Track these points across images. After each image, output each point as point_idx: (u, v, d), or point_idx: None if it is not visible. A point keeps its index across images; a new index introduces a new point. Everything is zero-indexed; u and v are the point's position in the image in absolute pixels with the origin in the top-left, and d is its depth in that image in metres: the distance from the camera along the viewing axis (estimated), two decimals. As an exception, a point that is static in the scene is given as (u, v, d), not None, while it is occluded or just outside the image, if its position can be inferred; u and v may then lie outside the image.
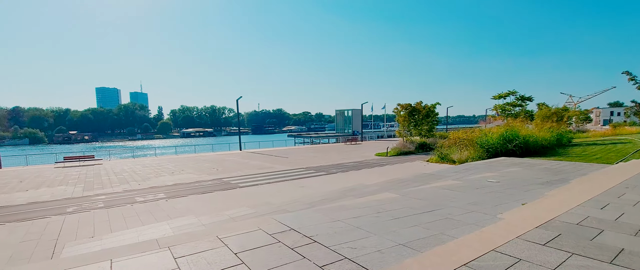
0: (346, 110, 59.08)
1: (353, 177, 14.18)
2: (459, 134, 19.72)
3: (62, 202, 10.86)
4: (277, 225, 4.68)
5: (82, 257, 3.91)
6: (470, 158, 16.21)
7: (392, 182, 11.17)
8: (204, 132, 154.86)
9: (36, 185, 14.36)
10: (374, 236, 4.14)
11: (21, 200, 11.39)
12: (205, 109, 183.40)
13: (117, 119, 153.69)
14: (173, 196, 11.19)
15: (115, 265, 3.36)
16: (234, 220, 7.29)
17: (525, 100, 31.10)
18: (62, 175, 17.76)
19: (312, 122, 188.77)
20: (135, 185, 13.81)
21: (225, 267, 3.28)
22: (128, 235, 6.90)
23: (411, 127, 28.11)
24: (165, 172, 17.48)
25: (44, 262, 4.20)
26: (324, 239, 4.01)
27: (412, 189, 8.17)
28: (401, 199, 6.62)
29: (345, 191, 9.78)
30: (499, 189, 7.84)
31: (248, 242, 3.98)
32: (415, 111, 27.82)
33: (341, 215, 5.22)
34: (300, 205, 8.01)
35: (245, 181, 13.94)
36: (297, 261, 3.37)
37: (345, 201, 7.30)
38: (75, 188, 13.48)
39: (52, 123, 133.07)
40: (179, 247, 3.84)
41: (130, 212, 9.20)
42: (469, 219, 5.00)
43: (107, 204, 10.41)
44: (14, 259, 5.96)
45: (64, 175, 17.72)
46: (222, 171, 17.32)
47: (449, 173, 12.07)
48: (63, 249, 6.31)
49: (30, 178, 16.83)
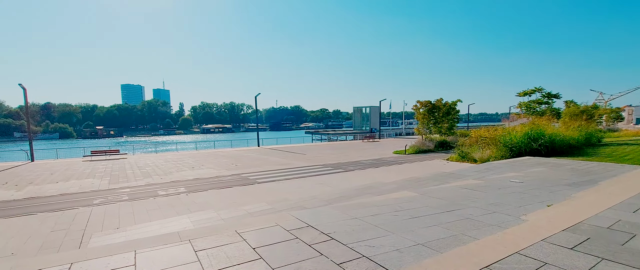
0: (364, 108, 58.62)
1: (371, 174, 14.07)
2: (481, 132, 19.19)
3: (89, 194, 11.33)
4: (294, 221, 4.71)
5: (108, 248, 4.06)
6: (492, 157, 15.75)
7: (410, 180, 11.01)
8: (223, 128, 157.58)
9: (66, 178, 15.04)
10: (392, 235, 4.09)
11: (52, 191, 11.96)
12: (225, 105, 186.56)
13: (140, 115, 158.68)
14: (193, 190, 11.45)
15: (139, 256, 3.47)
16: (252, 215, 7.38)
17: (552, 97, 29.88)
18: (89, 168, 18.53)
19: (329, 119, 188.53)
20: (157, 179, 14.23)
21: (244, 261, 3.32)
22: (151, 227, 7.12)
23: (431, 124, 27.58)
24: (186, 167, 17.92)
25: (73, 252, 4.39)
26: (341, 237, 4.00)
27: (431, 188, 8.02)
28: (420, 198, 6.51)
29: (363, 189, 9.72)
30: (523, 189, 7.58)
31: (266, 238, 4.02)
32: (435, 108, 27.27)
33: (359, 213, 5.19)
34: (318, 202, 8.03)
35: (263, 177, 14.09)
36: (314, 258, 3.38)
37: (362, 199, 7.26)
38: (101, 181, 14.03)
39: (80, 118, 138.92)
40: (200, 241, 3.92)
41: (152, 205, 9.49)
42: (491, 220, 4.86)
43: (131, 196, 10.78)
44: (44, 247, 6.28)
45: (91, 168, 18.48)
46: (240, 167, 17.58)
47: (470, 172, 11.77)
48: (90, 239, 6.59)
49: (61, 171, 17.65)
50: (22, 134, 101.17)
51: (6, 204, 10.19)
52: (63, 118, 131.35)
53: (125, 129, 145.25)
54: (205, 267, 3.19)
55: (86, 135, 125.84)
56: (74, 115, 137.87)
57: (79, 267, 3.23)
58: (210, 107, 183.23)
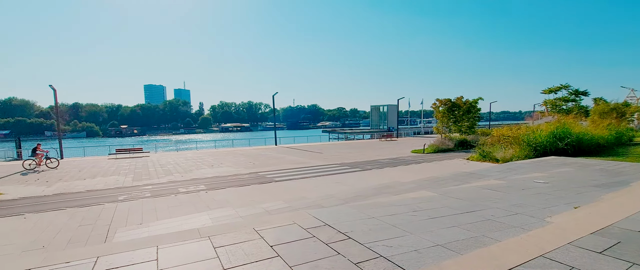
0: (381, 106, 58.04)
1: (388, 174, 13.93)
2: (503, 131, 18.63)
3: (114, 191, 11.75)
4: (312, 220, 4.72)
5: (132, 243, 4.19)
6: (515, 157, 15.27)
7: (429, 180, 10.83)
8: (241, 127, 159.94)
9: (92, 175, 15.67)
10: (410, 235, 4.04)
11: (80, 188, 12.49)
12: (243, 104, 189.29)
13: (162, 114, 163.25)
14: (212, 188, 11.68)
15: (161, 252, 3.57)
16: (269, 213, 7.46)
17: (580, 94, 28.65)
18: (114, 166, 19.22)
19: (346, 118, 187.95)
20: (178, 176, 14.60)
21: (262, 258, 3.36)
22: (172, 223, 7.31)
23: (450, 123, 27.00)
24: (205, 165, 18.30)
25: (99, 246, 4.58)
26: (358, 236, 3.97)
27: (451, 188, 7.85)
28: (439, 198, 6.39)
29: (380, 188, 9.63)
30: (548, 190, 7.30)
31: (283, 236, 4.04)
32: (455, 106, 26.67)
33: (376, 213, 5.14)
34: (335, 201, 8.02)
35: (280, 175, 14.21)
36: (331, 257, 3.37)
37: (380, 198, 7.19)
38: (126, 178, 14.53)
39: (106, 118, 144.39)
40: (219, 237, 3.99)
41: (173, 201, 9.74)
42: (514, 222, 4.71)
43: (154, 193, 11.11)
44: (73, 241, 6.56)
45: (116, 166, 19.17)
46: (258, 165, 17.79)
47: (492, 172, 11.46)
48: (115, 234, 6.84)
49: (88, 168, 18.40)
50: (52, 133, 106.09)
51: (38, 199, 10.71)
52: (90, 117, 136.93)
53: (147, 127, 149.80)
54: (224, 264, 3.25)
55: (111, 134, 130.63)
56: (100, 114, 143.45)
57: (104, 261, 3.35)
58: (229, 106, 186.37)
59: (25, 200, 10.52)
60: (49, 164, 18.85)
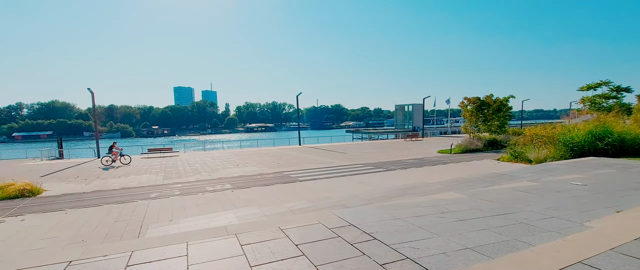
0: (406, 105, 57.00)
1: (413, 174, 13.66)
2: (537, 130, 17.75)
3: (146, 189, 12.28)
4: (336, 219, 4.71)
5: (163, 238, 4.36)
6: (549, 157, 14.52)
7: (456, 181, 10.51)
8: (266, 127, 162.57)
9: (126, 173, 16.46)
10: (437, 237, 3.93)
11: (115, 186, 13.15)
12: (267, 105, 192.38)
13: (190, 115, 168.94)
14: (238, 187, 11.94)
15: (191, 248, 3.69)
16: (293, 212, 7.52)
17: (622, 91, 26.80)
18: (147, 165, 20.10)
19: (370, 118, 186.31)
20: (205, 175, 15.04)
21: (287, 257, 3.39)
22: (200, 220, 7.55)
23: (479, 122, 26.08)
24: (231, 165, 18.73)
25: (133, 241, 4.79)
26: (384, 237, 3.92)
27: (480, 190, 7.58)
28: (467, 200, 6.18)
29: (406, 189, 9.47)
30: (586, 193, 6.89)
31: (308, 235, 4.06)
32: (484, 105, 25.73)
33: (402, 214, 5.05)
34: (359, 201, 7.97)
35: (304, 175, 14.29)
36: (356, 257, 3.35)
37: (405, 199, 7.07)
38: (157, 176, 15.15)
39: (138, 119, 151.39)
40: (245, 235, 4.08)
41: (201, 200, 10.04)
42: (549, 226, 4.47)
43: (183, 191, 11.50)
44: (109, 236, 6.92)
45: (148, 165, 20.04)
46: (282, 165, 17.99)
47: (524, 173, 10.97)
48: (147, 230, 7.15)
49: (122, 167, 19.34)
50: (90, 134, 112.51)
51: (78, 196, 11.39)
52: (124, 119, 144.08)
53: (177, 128, 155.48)
54: (251, 261, 3.31)
55: (143, 134, 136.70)
56: (133, 116, 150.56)
57: (138, 255, 3.51)
58: (254, 107, 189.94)
59: (66, 197, 11.21)
60: (123, 160, 20.79)
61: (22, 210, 9.31)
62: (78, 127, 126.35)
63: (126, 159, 20.91)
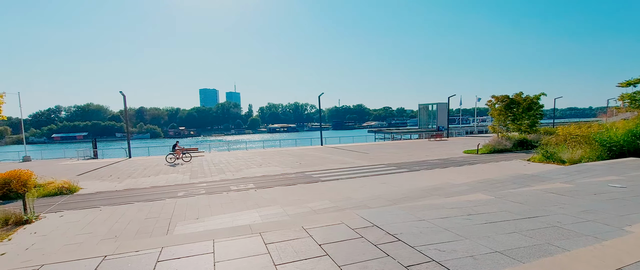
0: (430, 104, 55.74)
1: (438, 175, 13.35)
2: (571, 129, 16.87)
3: (174, 188, 12.71)
4: (359, 220, 4.68)
5: (191, 236, 4.50)
6: (585, 158, 13.76)
7: (484, 182, 10.18)
8: (288, 127, 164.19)
9: (156, 173, 17.11)
10: (464, 240, 3.82)
11: (145, 184, 13.70)
12: (289, 105, 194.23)
13: (215, 116, 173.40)
14: (261, 187, 12.11)
15: (217, 245, 3.78)
16: (316, 212, 7.55)
17: (666, 87, 24.91)
18: (174, 164, 20.79)
19: (392, 118, 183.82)
20: (230, 175, 15.36)
21: (311, 256, 3.41)
22: (225, 219, 7.72)
23: (508, 121, 25.08)
24: (254, 165, 19.04)
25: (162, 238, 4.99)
26: (408, 238, 3.86)
27: (510, 191, 7.30)
28: (496, 202, 5.97)
29: (430, 190, 9.26)
30: (626, 196, 6.47)
31: (331, 235, 4.06)
32: (513, 103, 24.71)
33: (427, 215, 4.95)
34: (382, 201, 7.88)
35: (326, 175, 14.30)
36: (380, 258, 3.32)
37: (430, 200, 6.92)
38: (184, 176, 15.64)
39: (166, 120, 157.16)
40: (269, 234, 4.13)
41: (226, 199, 10.27)
42: (584, 230, 4.24)
43: (208, 190, 11.81)
44: (140, 232, 7.21)
45: (175, 164, 20.72)
46: (304, 165, 18.09)
47: (557, 175, 10.46)
48: (175, 227, 7.39)
49: (151, 166, 20.13)
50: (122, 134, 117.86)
51: (111, 194, 11.96)
52: (153, 120, 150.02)
53: (202, 129, 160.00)
54: (275, 260, 3.35)
55: (171, 135, 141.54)
56: (161, 117, 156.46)
57: (168, 251, 3.64)
58: (276, 107, 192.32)
59: (100, 195, 11.80)
60: (185, 158, 22.47)
61: (61, 207, 9.88)
62: (110, 128, 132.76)
63: (187, 158, 22.58)
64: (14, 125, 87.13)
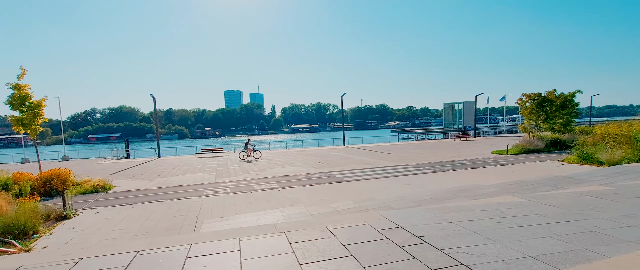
0: (456, 103, 54.20)
1: (465, 176, 12.97)
2: (609, 128, 15.89)
3: (201, 187, 13.09)
4: (384, 221, 4.62)
5: (218, 233, 4.62)
6: (625, 159, 12.92)
7: (514, 184, 9.78)
8: (310, 127, 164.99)
9: (183, 172, 17.70)
10: (494, 244, 3.69)
11: (174, 183, 14.20)
12: (312, 106, 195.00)
13: (239, 117, 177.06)
14: (284, 186, 12.24)
15: (243, 243, 3.86)
16: (339, 213, 7.53)
17: None
18: (201, 164, 21.43)
19: (416, 117, 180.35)
20: (254, 175, 15.64)
21: (335, 257, 3.40)
22: (249, 218, 7.87)
23: (540, 120, 23.94)
24: (277, 165, 19.27)
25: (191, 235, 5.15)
26: (435, 241, 3.77)
27: (543, 194, 6.98)
28: (528, 204, 5.72)
29: (457, 191, 9.01)
30: (675, 200, 6.01)
31: (356, 236, 4.04)
32: (546, 101, 23.56)
33: (454, 217, 4.82)
34: (407, 203, 7.75)
35: (349, 176, 14.25)
36: (407, 260, 3.26)
37: (457, 202, 6.74)
38: (210, 175, 16.09)
39: (193, 121, 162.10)
40: (294, 233, 4.16)
41: (250, 198, 10.46)
42: (626, 235, 3.98)
43: (233, 189, 12.08)
44: (169, 229, 7.48)
45: (202, 164, 21.35)
46: (327, 165, 18.11)
47: (594, 176, 9.89)
48: (202, 225, 7.61)
49: (180, 166, 20.84)
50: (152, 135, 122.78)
51: (142, 192, 12.48)
52: (181, 121, 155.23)
53: (227, 129, 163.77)
54: (300, 259, 3.37)
55: (197, 136, 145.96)
56: (188, 118, 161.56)
57: (196, 248, 3.75)
58: (298, 108, 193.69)
59: (132, 193, 12.35)
60: (255, 155, 24.05)
61: (96, 204, 10.43)
62: (141, 129, 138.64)
63: (258, 154, 24.31)
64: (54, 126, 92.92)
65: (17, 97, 12.74)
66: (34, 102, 13.09)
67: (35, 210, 7.52)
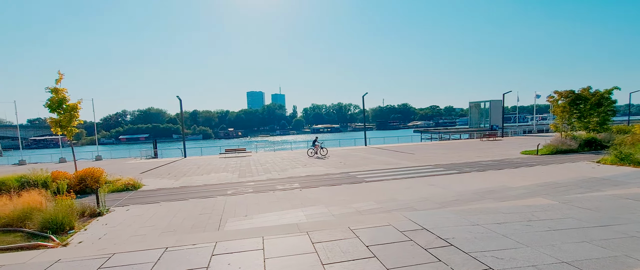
0: (482, 102, 52.42)
1: (492, 177, 12.53)
2: (650, 128, 14.90)
3: (224, 186, 13.37)
4: (407, 222, 4.55)
5: (241, 232, 4.70)
6: (669, 160, 12.05)
7: (545, 185, 9.36)
8: (332, 128, 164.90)
9: (208, 171, 18.15)
10: (525, 248, 3.53)
11: (199, 182, 14.59)
12: (333, 106, 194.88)
13: (261, 118, 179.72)
14: (306, 186, 12.28)
15: (267, 242, 3.91)
16: (361, 213, 7.47)
17: None
18: (224, 164, 21.90)
19: (440, 117, 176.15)
20: (275, 174, 15.80)
21: (358, 257, 3.38)
22: (271, 217, 7.95)
23: (573, 119, 22.76)
24: (299, 165, 19.38)
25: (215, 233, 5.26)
26: (461, 244, 3.66)
27: (577, 196, 6.63)
28: (560, 207, 5.45)
29: (483, 193, 8.73)
30: None
31: (379, 237, 3.99)
32: (580, 99, 22.35)
33: (480, 220, 4.67)
34: (430, 204, 7.58)
35: (370, 176, 14.11)
36: (432, 263, 3.19)
37: (483, 204, 6.52)
38: (233, 175, 16.41)
39: (217, 122, 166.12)
40: (316, 233, 4.17)
41: (272, 197, 10.57)
42: (674, 242, 3.70)
43: (255, 189, 12.25)
44: (195, 227, 7.68)
45: (225, 164, 21.82)
46: (348, 165, 18.02)
47: (634, 178, 9.29)
48: (226, 224, 7.76)
49: (204, 165, 21.39)
50: (178, 136, 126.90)
51: (168, 190, 12.91)
52: (205, 122, 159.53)
53: (249, 130, 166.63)
54: (322, 259, 3.37)
55: (221, 136, 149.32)
56: (212, 119, 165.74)
57: (221, 246, 3.83)
58: (320, 108, 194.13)
59: (160, 191, 12.79)
60: (321, 152, 24.58)
61: (127, 202, 10.88)
62: (168, 130, 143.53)
63: (324, 151, 24.77)
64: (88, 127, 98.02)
65: (55, 100, 13.51)
66: (70, 104, 13.84)
67: (71, 207, 7.94)
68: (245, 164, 21.36)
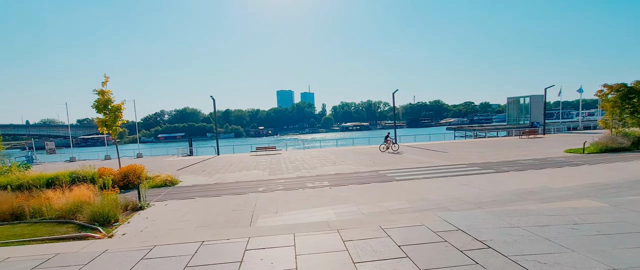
0: (522, 97, 49.66)
1: (532, 177, 11.85)
2: None
3: (255, 183, 13.69)
4: (441, 223, 4.41)
5: (272, 228, 4.80)
6: None
7: (593, 186, 8.71)
8: (361, 126, 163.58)
9: (239, 169, 18.68)
10: (570, 252, 3.31)
11: (231, 179, 15.05)
12: (362, 104, 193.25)
13: (290, 116, 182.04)
14: (335, 184, 12.28)
15: (297, 239, 3.96)
16: (392, 212, 7.35)
17: None
18: (255, 161, 22.43)
19: (475, 113, 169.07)
20: (305, 172, 15.95)
21: (390, 257, 3.33)
22: (302, 214, 8.03)
23: (625, 114, 20.96)
24: (328, 163, 19.42)
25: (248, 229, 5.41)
26: (500, 246, 3.50)
27: (629, 199, 6.11)
28: (611, 210, 5.05)
29: (523, 194, 8.28)
30: None
31: (411, 237, 3.91)
32: (633, 93, 20.54)
33: (520, 222, 4.43)
34: (465, 204, 7.32)
35: (400, 175, 13.85)
36: (468, 265, 3.07)
37: (523, 205, 6.19)
38: (263, 172, 16.76)
39: (248, 120, 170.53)
40: (347, 232, 4.16)
41: (302, 195, 10.68)
42: None
43: (285, 186, 12.44)
44: (228, 222, 7.94)
45: (256, 161, 22.34)
46: (378, 164, 17.80)
47: (698, 180, 8.41)
48: (257, 220, 7.95)
49: (236, 163, 22.03)
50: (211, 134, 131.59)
51: (203, 187, 13.44)
52: (237, 121, 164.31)
53: (279, 128, 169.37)
54: (354, 258, 3.35)
55: (251, 134, 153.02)
56: (244, 118, 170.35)
57: (254, 241, 3.93)
58: (349, 106, 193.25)
59: (195, 187, 13.34)
60: (393, 147, 25.53)
61: (165, 197, 11.45)
62: (202, 129, 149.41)
63: (395, 147, 25.67)
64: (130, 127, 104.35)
65: (101, 101, 14.51)
66: (115, 105, 14.80)
67: (116, 201, 8.50)
68: (276, 161, 21.74)
